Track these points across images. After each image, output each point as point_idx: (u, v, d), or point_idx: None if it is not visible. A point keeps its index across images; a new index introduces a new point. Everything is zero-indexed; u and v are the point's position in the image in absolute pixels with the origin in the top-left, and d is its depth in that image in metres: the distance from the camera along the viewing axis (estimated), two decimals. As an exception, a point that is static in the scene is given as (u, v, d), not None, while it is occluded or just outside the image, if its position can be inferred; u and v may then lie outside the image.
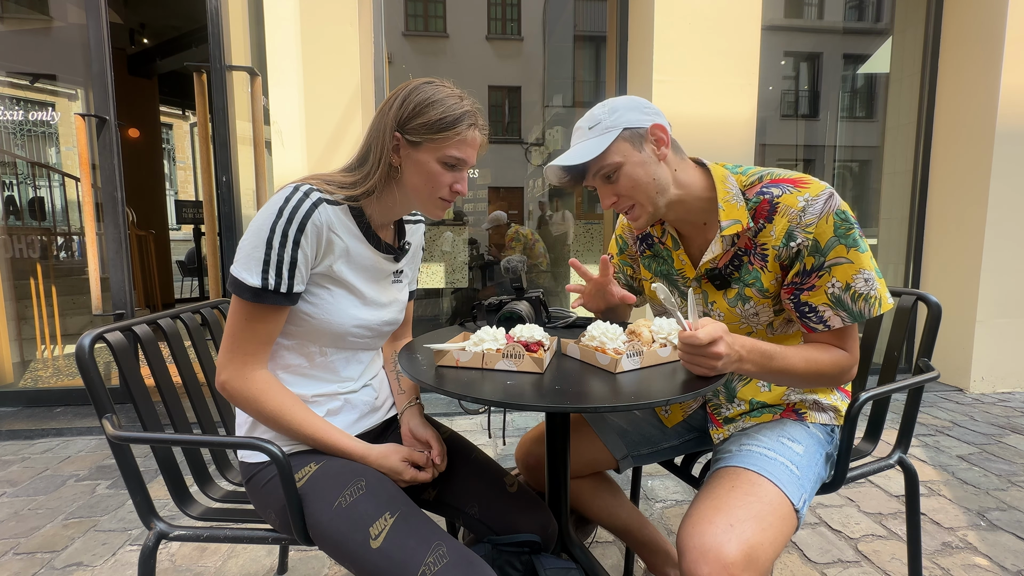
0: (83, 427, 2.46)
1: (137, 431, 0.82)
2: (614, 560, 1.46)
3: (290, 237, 0.77)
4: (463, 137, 0.84)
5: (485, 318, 1.16)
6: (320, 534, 0.78)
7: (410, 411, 0.99)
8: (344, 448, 0.85)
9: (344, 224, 0.85)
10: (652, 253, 1.09)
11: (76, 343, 0.82)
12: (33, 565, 1.46)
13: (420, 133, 0.82)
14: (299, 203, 0.78)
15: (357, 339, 0.90)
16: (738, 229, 0.89)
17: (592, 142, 0.88)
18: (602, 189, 0.92)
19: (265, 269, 0.77)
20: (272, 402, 0.81)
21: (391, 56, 3.11)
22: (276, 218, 0.77)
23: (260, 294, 0.77)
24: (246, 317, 0.79)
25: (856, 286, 0.84)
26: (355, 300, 0.88)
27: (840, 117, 4.45)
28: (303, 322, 0.85)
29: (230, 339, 0.81)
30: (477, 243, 4.25)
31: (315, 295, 0.84)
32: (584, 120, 0.92)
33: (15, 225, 2.99)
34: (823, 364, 0.86)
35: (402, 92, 0.84)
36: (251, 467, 0.87)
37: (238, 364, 0.80)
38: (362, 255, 0.88)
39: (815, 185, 0.86)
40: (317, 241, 0.80)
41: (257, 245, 0.77)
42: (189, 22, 5.04)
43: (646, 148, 0.89)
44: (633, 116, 0.88)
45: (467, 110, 0.84)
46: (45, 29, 2.96)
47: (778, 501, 0.80)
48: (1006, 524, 1.62)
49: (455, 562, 0.71)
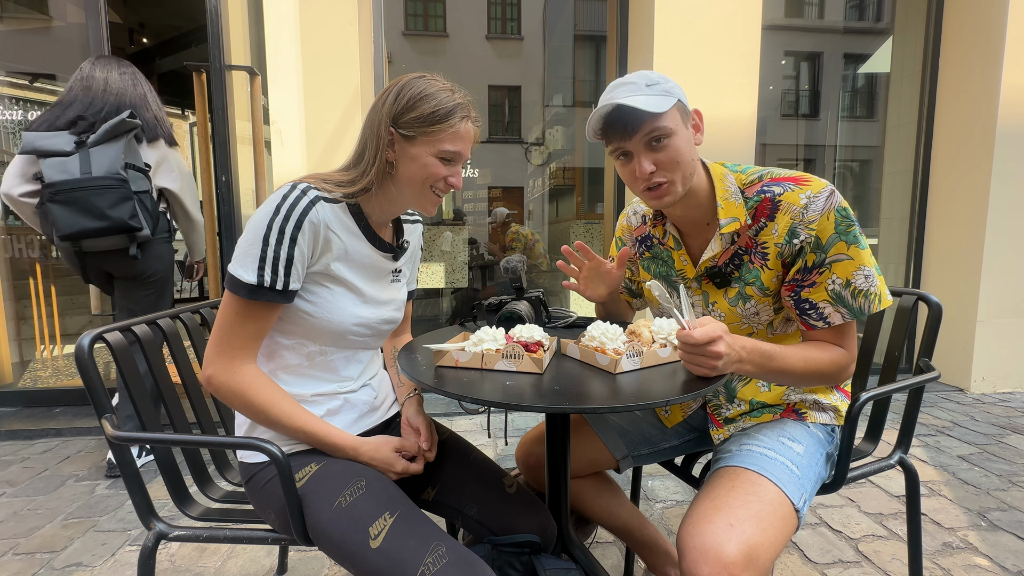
0: (82, 427, 2.46)
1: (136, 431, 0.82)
2: (614, 560, 1.46)
3: (287, 234, 0.77)
4: (456, 130, 0.84)
5: (485, 318, 1.16)
6: (320, 534, 0.78)
7: (409, 401, 0.99)
8: (335, 441, 0.84)
9: (342, 222, 0.85)
10: (651, 255, 1.09)
11: (76, 343, 0.82)
12: (33, 565, 1.46)
13: (414, 127, 0.83)
14: (296, 200, 0.78)
15: (357, 337, 0.90)
16: (736, 227, 0.89)
17: (655, 98, 0.84)
18: (643, 155, 0.86)
19: (261, 266, 0.76)
20: (260, 396, 0.81)
21: (391, 56, 3.10)
22: (273, 215, 0.77)
23: (255, 291, 0.77)
24: (238, 313, 0.79)
25: (856, 282, 0.84)
26: (355, 298, 0.88)
27: (840, 117, 4.45)
28: (303, 321, 0.85)
29: (219, 334, 0.80)
30: (477, 243, 4.25)
31: (314, 293, 0.84)
32: (635, 77, 0.87)
33: (15, 225, 2.98)
34: (822, 363, 0.86)
35: (394, 88, 0.85)
36: (251, 467, 0.87)
37: (226, 359, 0.80)
38: (361, 253, 0.88)
39: (816, 183, 0.86)
40: (314, 239, 0.80)
41: (254, 242, 0.77)
42: (189, 22, 5.03)
43: (689, 127, 0.90)
44: (683, 92, 0.89)
45: (459, 102, 0.84)
46: (45, 29, 2.96)
47: (778, 501, 0.80)
48: (1007, 524, 1.62)
49: (454, 562, 0.71)
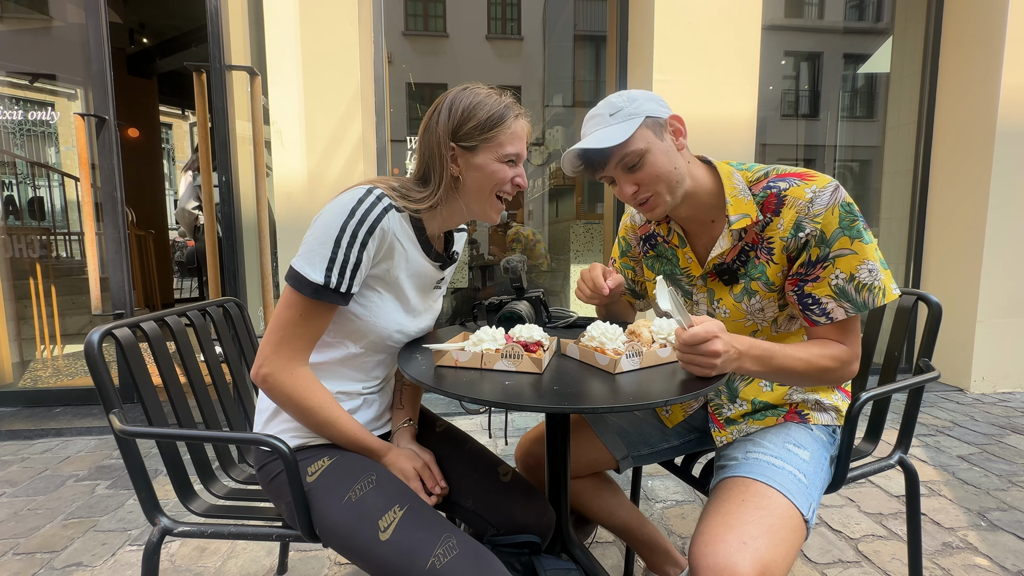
0: (83, 427, 2.46)
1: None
2: (614, 560, 1.46)
3: (359, 238, 0.77)
4: (513, 130, 0.86)
5: (485, 318, 1.16)
6: (328, 528, 0.78)
7: (402, 432, 0.97)
8: (369, 445, 0.86)
9: (405, 231, 0.86)
10: (656, 253, 1.09)
11: (80, 342, 0.83)
12: (33, 565, 1.46)
13: (474, 137, 0.84)
14: (372, 206, 0.79)
15: (395, 344, 0.91)
16: (747, 223, 0.90)
17: (616, 128, 0.87)
18: (622, 178, 0.90)
19: (330, 267, 0.77)
20: (313, 399, 0.82)
21: (391, 56, 3.10)
22: (348, 217, 0.77)
23: (320, 291, 0.77)
24: (301, 312, 0.79)
25: (860, 276, 0.84)
26: (399, 306, 0.90)
27: (840, 117, 4.44)
28: (349, 322, 0.86)
29: (280, 332, 0.80)
30: (477, 243, 4.25)
31: (366, 297, 0.85)
32: (601, 107, 0.90)
33: (15, 225, 2.98)
34: (824, 360, 0.86)
35: (443, 104, 0.85)
36: (264, 455, 0.88)
37: (285, 359, 0.80)
38: (417, 263, 0.89)
39: (821, 178, 0.87)
40: (381, 245, 0.81)
41: (324, 242, 0.77)
42: (189, 22, 5.03)
43: (667, 138, 0.90)
44: (652, 105, 0.89)
45: (508, 103, 0.86)
46: (45, 29, 2.96)
47: (788, 513, 0.80)
48: (1006, 524, 1.62)
49: (464, 554, 0.71)
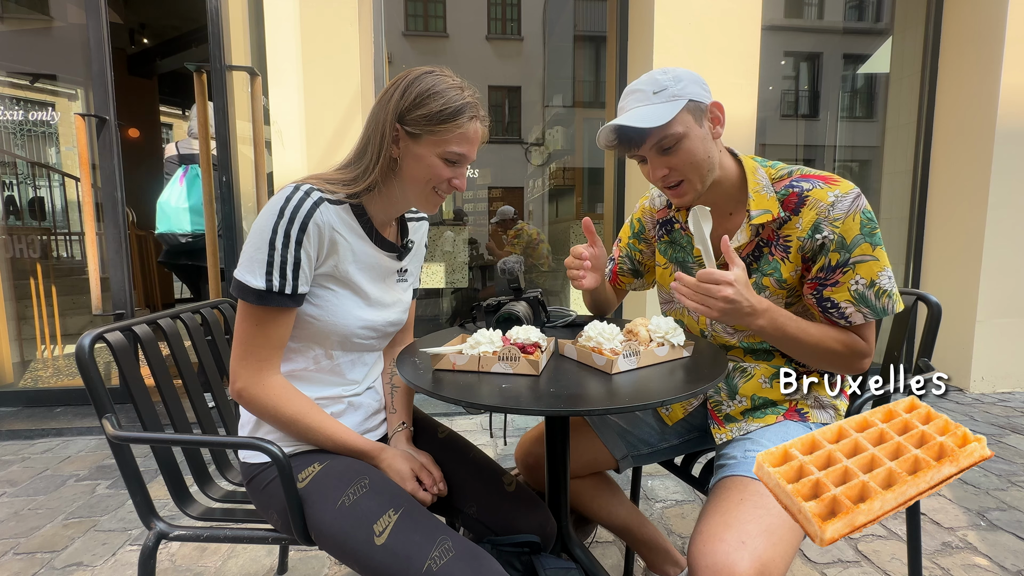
0: (83, 427, 2.46)
1: (137, 431, 0.82)
2: (614, 560, 1.46)
3: (292, 237, 0.76)
4: (464, 131, 0.82)
5: (484, 319, 1.16)
6: (323, 534, 0.77)
7: (398, 436, 0.96)
8: (360, 447, 0.85)
9: (346, 223, 0.84)
10: (670, 239, 1.09)
11: (76, 343, 0.82)
12: (33, 565, 1.46)
13: (420, 125, 0.81)
14: (300, 202, 0.77)
15: (363, 340, 0.90)
16: (767, 219, 0.90)
17: (659, 107, 0.84)
18: (655, 160, 0.88)
19: (269, 271, 0.76)
20: (290, 408, 0.81)
21: (391, 56, 3.10)
22: (277, 218, 0.76)
23: (265, 296, 0.76)
24: (255, 321, 0.78)
25: (881, 283, 0.85)
26: (359, 301, 0.88)
27: (840, 117, 4.45)
28: (308, 325, 0.84)
29: (241, 345, 0.79)
30: (477, 243, 4.24)
31: (319, 297, 0.84)
32: (644, 83, 0.87)
33: (15, 225, 2.99)
34: (834, 343, 0.87)
35: (402, 81, 0.82)
36: (252, 468, 0.87)
37: (253, 370, 0.80)
38: (366, 254, 0.87)
39: (844, 184, 0.88)
40: (319, 241, 0.80)
41: (260, 247, 0.76)
42: (189, 22, 5.04)
43: (705, 124, 0.89)
44: (696, 89, 0.87)
45: (468, 101, 0.82)
46: (45, 29, 2.96)
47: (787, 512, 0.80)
48: (1006, 524, 1.62)
49: (460, 555, 0.71)
